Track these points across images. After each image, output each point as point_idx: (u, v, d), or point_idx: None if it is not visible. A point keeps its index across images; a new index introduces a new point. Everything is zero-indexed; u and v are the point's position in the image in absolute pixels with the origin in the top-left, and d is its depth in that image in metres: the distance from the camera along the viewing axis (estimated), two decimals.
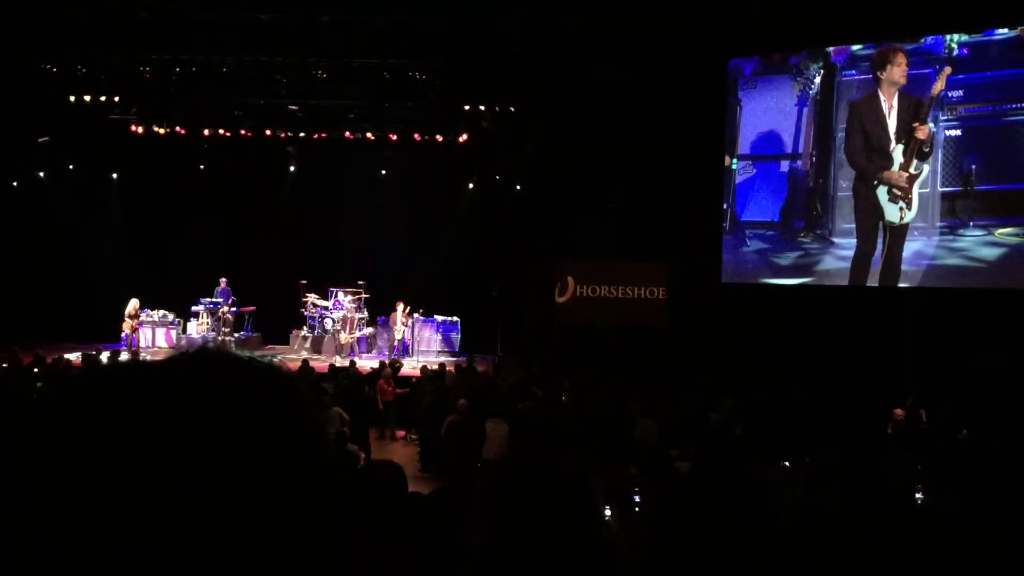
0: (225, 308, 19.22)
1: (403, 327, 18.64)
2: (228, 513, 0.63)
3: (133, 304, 18.32)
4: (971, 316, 13.28)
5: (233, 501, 0.63)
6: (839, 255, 15.76)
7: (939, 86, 14.35)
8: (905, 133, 14.86)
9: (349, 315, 19.02)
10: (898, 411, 10.41)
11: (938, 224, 14.70)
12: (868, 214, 15.39)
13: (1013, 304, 13.22)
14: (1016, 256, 13.91)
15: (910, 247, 14.94)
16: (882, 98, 15.12)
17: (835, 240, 15.82)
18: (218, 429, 0.65)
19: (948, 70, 14.29)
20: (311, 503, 0.69)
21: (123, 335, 18.34)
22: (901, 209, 14.95)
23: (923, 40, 14.81)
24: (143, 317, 18.78)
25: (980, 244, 14.28)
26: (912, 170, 14.77)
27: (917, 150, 14.68)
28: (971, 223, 14.42)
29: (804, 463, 7.41)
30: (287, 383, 0.74)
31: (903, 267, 14.98)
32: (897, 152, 14.94)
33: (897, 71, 14.87)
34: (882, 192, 15.13)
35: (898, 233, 15.00)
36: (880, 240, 15.21)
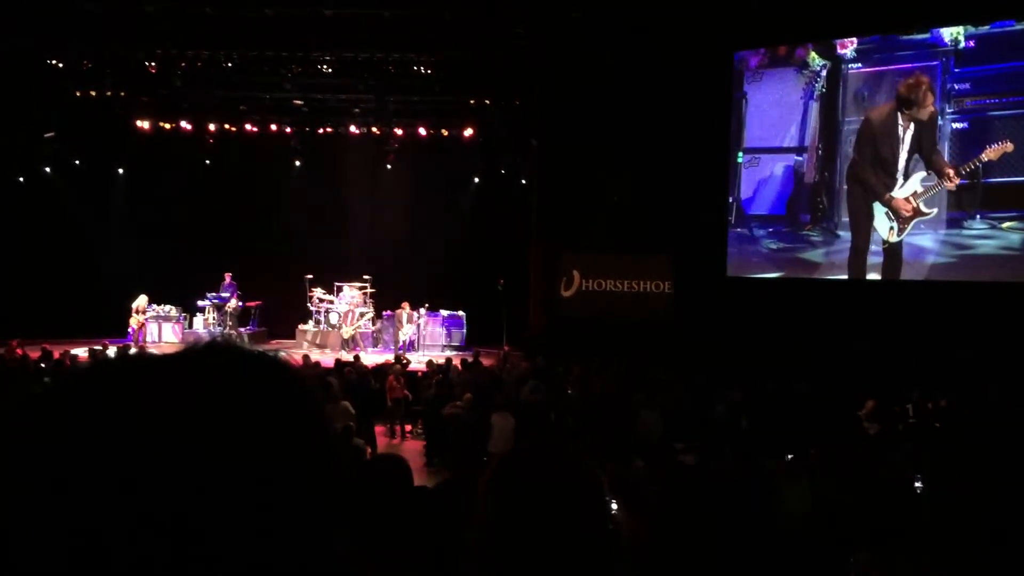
0: (231, 303, 19.25)
1: (409, 325, 18.69)
2: (237, 504, 0.63)
3: (142, 300, 18.38)
4: (977, 309, 13.24)
5: (242, 493, 0.64)
6: (844, 248, 15.73)
7: (991, 156, 14.13)
8: (925, 164, 14.77)
9: (351, 308, 19.06)
10: (870, 403, 10.46)
11: (944, 217, 14.66)
12: (862, 211, 15.42)
13: (1019, 297, 13.19)
14: (1022, 248, 13.89)
15: (917, 240, 14.91)
16: (900, 123, 15.01)
17: (840, 233, 15.79)
18: (228, 421, 0.66)
19: (1009, 147, 13.91)
20: (319, 494, 0.69)
21: (130, 329, 18.41)
22: (892, 230, 15.02)
23: (929, 32, 14.74)
24: (149, 312, 18.84)
25: (986, 237, 14.24)
26: (923, 207, 14.72)
27: (937, 192, 14.63)
28: (977, 216, 14.39)
29: (809, 455, 7.41)
30: (295, 376, 0.74)
31: (909, 259, 14.97)
32: (914, 181, 14.85)
33: (925, 112, 14.75)
34: (879, 208, 15.18)
35: (892, 246, 15.09)
36: (874, 234, 15.28)
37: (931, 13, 14.56)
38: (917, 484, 5.77)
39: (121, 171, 21.29)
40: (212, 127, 20.30)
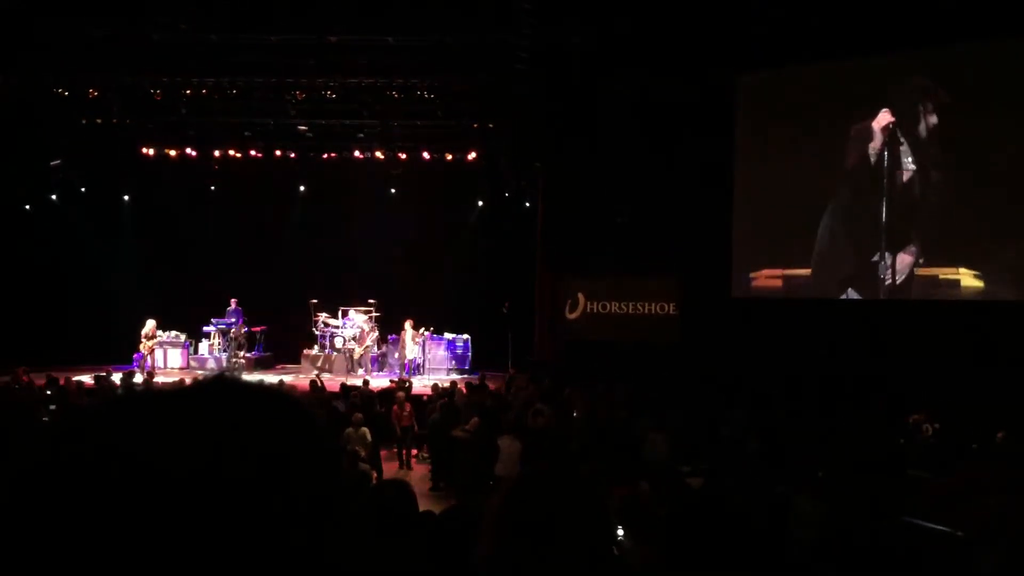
0: (236, 328, 19.28)
1: (413, 345, 18.66)
2: (243, 531, 0.65)
3: (151, 325, 18.37)
4: (989, 327, 13.21)
5: (247, 520, 0.66)
6: (848, 266, 15.73)
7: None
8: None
9: (361, 331, 19.09)
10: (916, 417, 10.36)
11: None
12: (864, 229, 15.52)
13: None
14: None
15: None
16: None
17: (843, 252, 15.79)
18: (231, 456, 0.68)
19: None
20: (321, 523, 0.70)
21: (138, 355, 18.42)
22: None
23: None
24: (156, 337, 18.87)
25: None
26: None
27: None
28: None
29: (818, 478, 7.37)
30: (299, 407, 0.77)
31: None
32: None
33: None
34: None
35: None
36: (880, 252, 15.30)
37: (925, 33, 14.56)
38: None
39: (127, 197, 21.40)
40: (217, 153, 20.38)
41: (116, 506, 0.64)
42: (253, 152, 20.36)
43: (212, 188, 20.99)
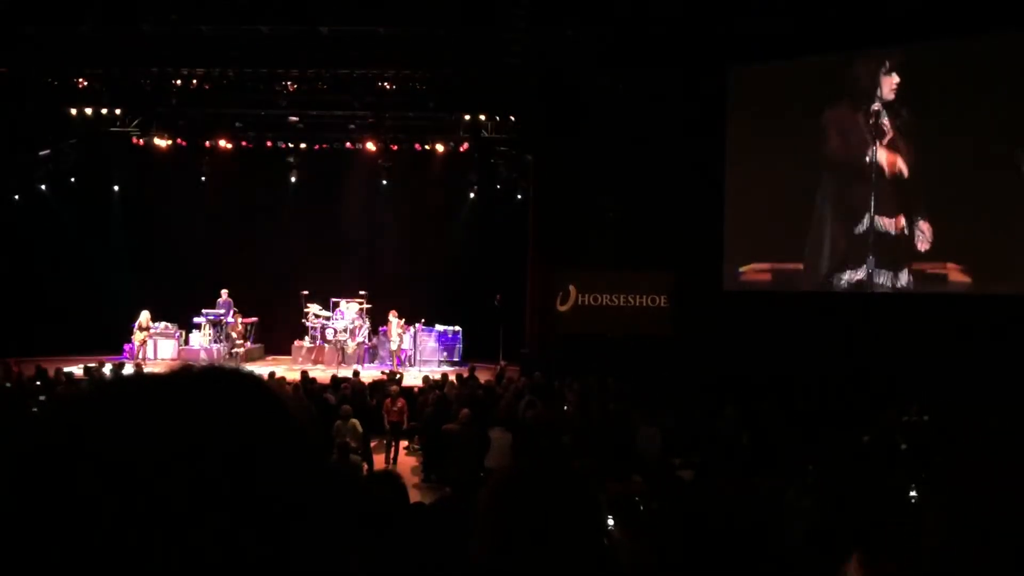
0: (227, 319, 19.22)
1: (398, 337, 18.64)
2: (202, 530, 0.65)
3: (144, 316, 18.31)
4: (979, 321, 13.24)
5: (208, 519, 0.65)
6: (839, 260, 15.76)
7: None
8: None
9: (353, 324, 19.07)
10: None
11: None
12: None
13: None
14: None
15: None
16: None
17: (836, 245, 15.83)
18: (213, 440, 0.68)
19: None
20: (289, 523, 0.69)
21: (128, 345, 18.38)
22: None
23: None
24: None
25: None
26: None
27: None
28: None
29: (808, 471, 7.38)
30: (278, 400, 0.76)
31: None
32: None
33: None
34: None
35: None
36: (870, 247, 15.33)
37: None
38: (912, 494, 5.76)
39: (116, 188, 21.30)
40: (208, 144, 20.32)
41: (74, 502, 0.63)
42: (244, 143, 20.30)
43: (203, 179, 20.91)
